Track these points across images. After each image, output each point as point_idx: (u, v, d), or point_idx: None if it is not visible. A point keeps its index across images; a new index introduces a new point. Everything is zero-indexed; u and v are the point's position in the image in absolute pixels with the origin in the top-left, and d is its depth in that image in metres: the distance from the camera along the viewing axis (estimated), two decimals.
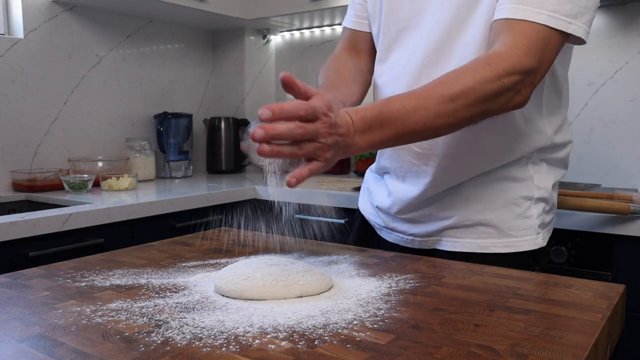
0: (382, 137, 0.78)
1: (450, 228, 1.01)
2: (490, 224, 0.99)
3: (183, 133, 2.47)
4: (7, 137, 1.97)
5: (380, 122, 0.77)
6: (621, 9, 1.93)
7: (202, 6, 2.25)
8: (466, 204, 1.00)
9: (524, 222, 0.99)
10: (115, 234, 1.64)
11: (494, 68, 0.80)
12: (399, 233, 1.09)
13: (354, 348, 0.57)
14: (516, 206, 0.99)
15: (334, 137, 0.73)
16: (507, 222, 0.99)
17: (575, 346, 0.57)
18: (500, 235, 0.99)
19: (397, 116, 0.78)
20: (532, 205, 0.99)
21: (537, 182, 1.00)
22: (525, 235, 0.99)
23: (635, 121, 1.93)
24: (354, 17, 1.18)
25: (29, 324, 0.64)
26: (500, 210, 0.98)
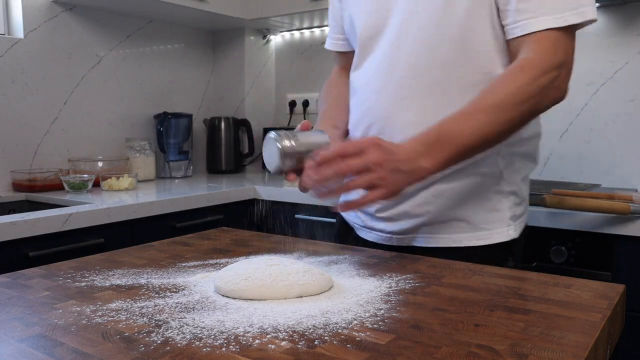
0: (445, 157, 0.85)
1: (425, 225, 1.04)
2: (463, 219, 1.02)
3: (183, 133, 2.47)
4: (7, 137, 1.97)
5: (440, 143, 0.84)
6: (621, 9, 1.93)
7: (202, 6, 2.25)
8: (439, 200, 1.02)
9: (495, 216, 1.02)
10: (115, 234, 1.64)
11: (529, 72, 0.87)
12: (377, 232, 1.11)
13: (354, 348, 0.57)
14: (487, 200, 1.02)
15: (392, 163, 0.80)
16: (479, 216, 1.02)
17: (575, 346, 0.57)
18: (473, 229, 1.02)
19: (452, 134, 0.85)
20: (503, 198, 1.03)
21: (506, 177, 1.03)
22: (497, 228, 1.02)
23: (635, 121, 1.93)
24: (331, 39, 1.26)
25: (29, 324, 0.64)
26: (472, 206, 1.02)
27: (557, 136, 2.07)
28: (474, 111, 0.87)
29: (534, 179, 2.10)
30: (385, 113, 1.03)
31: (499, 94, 0.87)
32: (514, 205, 1.05)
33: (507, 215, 1.03)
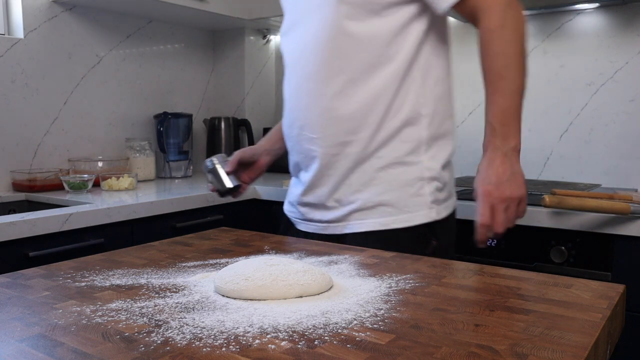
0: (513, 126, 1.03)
1: (356, 211, 1.15)
2: (389, 204, 1.14)
3: (183, 133, 2.47)
4: (7, 137, 1.97)
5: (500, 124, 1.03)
6: (621, 9, 1.93)
7: (202, 6, 2.25)
8: (368, 188, 1.14)
9: (417, 200, 1.14)
10: (115, 234, 1.64)
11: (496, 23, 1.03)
12: (315, 222, 1.22)
13: (354, 348, 0.57)
14: (410, 187, 1.14)
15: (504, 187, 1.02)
16: (404, 201, 1.14)
17: (575, 346, 0.57)
18: (398, 212, 1.13)
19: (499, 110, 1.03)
20: (425, 184, 1.14)
21: (427, 165, 1.15)
22: (419, 211, 1.14)
23: (635, 121, 1.93)
24: None
25: (29, 324, 0.64)
26: (397, 191, 1.13)
27: (557, 136, 2.07)
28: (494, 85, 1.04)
29: (534, 179, 2.10)
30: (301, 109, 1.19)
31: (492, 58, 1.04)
32: (436, 191, 1.16)
33: (429, 200, 1.15)
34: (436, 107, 1.15)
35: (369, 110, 1.12)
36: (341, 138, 1.14)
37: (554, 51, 2.07)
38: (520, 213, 1.03)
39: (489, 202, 1.01)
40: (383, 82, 1.11)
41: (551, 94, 2.08)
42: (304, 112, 1.18)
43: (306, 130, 1.18)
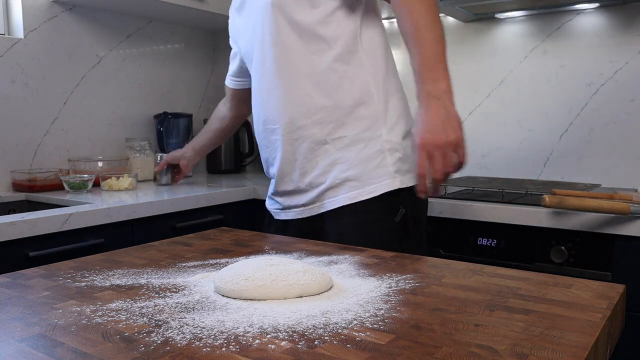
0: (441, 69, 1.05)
1: (327, 190, 1.24)
2: (355, 179, 1.22)
3: (183, 133, 2.47)
4: (7, 137, 1.97)
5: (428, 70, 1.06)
6: (621, 9, 1.93)
7: (202, 6, 2.25)
8: (334, 167, 1.23)
9: (380, 171, 1.22)
10: (115, 234, 1.64)
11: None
12: (292, 209, 1.30)
13: (354, 348, 0.57)
14: (372, 160, 1.22)
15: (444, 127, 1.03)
16: (367, 174, 1.21)
17: (575, 346, 0.57)
18: (364, 185, 1.21)
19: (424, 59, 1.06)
20: (387, 156, 1.22)
21: (385, 138, 1.23)
22: (383, 180, 1.21)
23: (635, 121, 1.93)
24: (232, 79, 1.65)
25: (29, 324, 0.64)
26: (361, 166, 1.22)
27: (557, 136, 2.07)
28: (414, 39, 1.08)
29: (534, 179, 2.10)
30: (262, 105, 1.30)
31: (406, 12, 1.09)
32: (398, 161, 1.24)
33: (392, 170, 1.22)
34: (385, 84, 1.24)
35: (318, 94, 1.21)
36: (298, 123, 1.23)
37: (554, 51, 2.07)
38: (460, 157, 1.04)
39: (425, 150, 1.02)
40: (328, 67, 1.20)
41: (551, 94, 2.08)
42: (264, 107, 1.29)
43: (268, 124, 1.28)
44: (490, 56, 2.18)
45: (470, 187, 1.83)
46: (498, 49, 2.17)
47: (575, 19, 2.02)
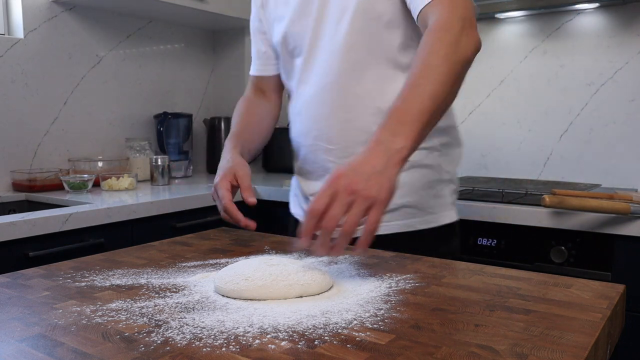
0: (413, 130, 0.84)
1: None
2: (413, 206, 1.14)
3: (183, 133, 2.47)
4: (7, 137, 1.97)
5: (400, 122, 0.85)
6: (621, 9, 1.93)
7: (202, 6, 2.25)
8: None
9: (439, 201, 1.16)
10: (115, 234, 1.64)
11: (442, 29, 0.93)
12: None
13: (354, 348, 0.57)
14: (431, 188, 1.15)
15: (362, 176, 0.77)
16: (426, 202, 1.15)
17: (575, 346, 0.57)
18: (422, 214, 1.14)
19: (406, 108, 0.86)
20: (444, 186, 1.17)
21: (444, 167, 1.17)
22: (443, 212, 1.17)
23: (635, 121, 1.93)
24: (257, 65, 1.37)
25: (29, 324, 0.64)
26: (419, 193, 1.14)
27: (557, 136, 2.07)
28: (414, 79, 0.89)
29: (534, 179, 2.10)
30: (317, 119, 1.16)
31: (424, 56, 0.91)
32: (453, 192, 1.20)
33: (449, 201, 1.18)
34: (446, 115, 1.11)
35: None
36: (357, 149, 1.03)
37: (554, 51, 2.07)
38: (371, 223, 0.76)
39: (333, 187, 0.77)
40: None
41: (551, 94, 2.08)
42: (318, 122, 1.16)
43: (322, 141, 1.16)
44: (490, 56, 2.18)
45: (470, 187, 1.83)
46: (498, 49, 2.17)
47: (575, 19, 2.02)
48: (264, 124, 1.33)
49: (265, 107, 1.35)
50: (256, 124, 1.31)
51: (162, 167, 2.17)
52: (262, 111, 1.34)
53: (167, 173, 2.18)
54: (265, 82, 1.36)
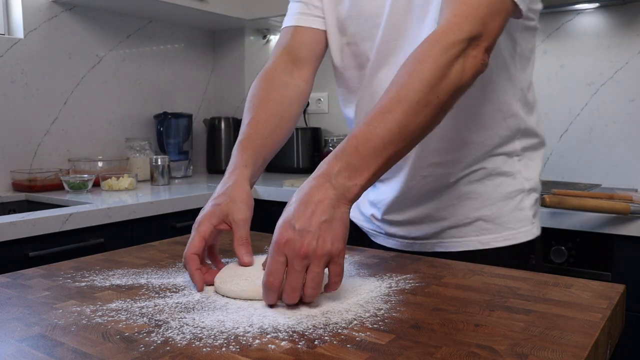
0: (368, 164, 0.71)
1: (451, 228, 1.01)
2: (489, 220, 1.00)
3: (183, 133, 2.47)
4: (7, 137, 1.97)
5: (355, 151, 0.71)
6: (621, 9, 1.93)
7: (202, 6, 2.25)
8: (463, 202, 1.00)
9: (519, 214, 1.00)
10: (115, 234, 1.64)
11: (440, 44, 0.76)
12: (398, 238, 1.07)
13: (354, 348, 0.57)
14: (510, 200, 1.00)
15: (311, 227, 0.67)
16: (505, 216, 1.00)
17: (575, 346, 0.57)
18: (500, 229, 1.00)
19: (367, 135, 0.72)
20: (525, 197, 1.01)
21: (525, 174, 1.01)
22: (522, 227, 1.01)
23: (635, 121, 1.93)
24: (297, 14, 1.04)
25: (29, 324, 0.64)
26: (497, 205, 1.00)
27: (557, 136, 2.07)
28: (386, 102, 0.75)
29: None
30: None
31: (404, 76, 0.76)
32: (535, 203, 1.04)
33: (530, 214, 1.02)
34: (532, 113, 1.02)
35: (467, 130, 0.96)
36: (433, 159, 0.97)
37: (554, 51, 2.07)
38: (334, 276, 0.69)
39: (283, 253, 0.67)
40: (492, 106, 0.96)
41: (551, 94, 2.08)
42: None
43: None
44: None
45: None
46: None
47: (575, 19, 2.02)
48: (290, 112, 1.02)
49: (294, 88, 1.03)
50: (279, 115, 0.99)
51: (162, 167, 2.17)
52: (290, 93, 1.02)
53: (167, 173, 2.18)
54: (302, 42, 1.05)
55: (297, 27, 1.04)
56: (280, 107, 1.00)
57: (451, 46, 0.76)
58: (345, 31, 1.02)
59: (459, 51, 0.77)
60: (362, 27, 0.99)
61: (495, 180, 1.00)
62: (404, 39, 0.95)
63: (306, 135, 2.55)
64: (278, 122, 0.98)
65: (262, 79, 1.02)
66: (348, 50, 1.03)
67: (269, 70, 1.03)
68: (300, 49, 1.04)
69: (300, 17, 1.04)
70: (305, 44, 1.04)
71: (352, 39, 1.01)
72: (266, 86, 1.01)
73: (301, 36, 1.04)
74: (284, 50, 1.05)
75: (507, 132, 0.99)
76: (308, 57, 1.05)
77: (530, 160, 1.03)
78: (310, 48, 1.05)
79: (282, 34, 1.07)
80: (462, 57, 0.77)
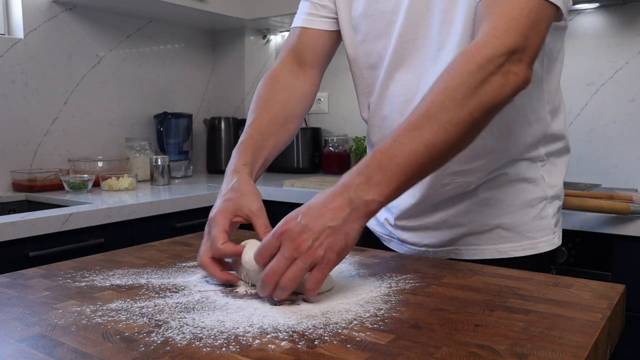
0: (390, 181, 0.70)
1: (467, 235, 0.97)
2: (509, 228, 0.96)
3: (183, 133, 2.47)
4: (7, 137, 1.97)
5: (378, 166, 0.70)
6: (621, 9, 1.93)
7: (202, 6, 2.25)
8: (482, 208, 0.96)
9: (541, 223, 0.97)
10: (115, 234, 1.64)
11: (476, 59, 0.73)
12: (410, 245, 1.03)
13: (354, 348, 0.57)
14: (531, 207, 0.96)
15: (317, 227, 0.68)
16: (525, 225, 0.96)
17: (575, 346, 0.57)
18: (519, 238, 0.96)
19: (392, 152, 0.70)
20: (547, 204, 0.97)
21: (548, 181, 0.98)
22: (543, 237, 0.97)
23: (635, 121, 1.93)
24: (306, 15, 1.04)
25: (29, 324, 0.64)
26: (517, 213, 0.96)
27: None
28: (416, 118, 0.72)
29: None
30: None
31: (435, 92, 0.73)
32: (558, 211, 1.00)
33: (552, 222, 0.98)
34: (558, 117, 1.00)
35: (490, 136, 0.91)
36: (453, 168, 0.93)
37: None
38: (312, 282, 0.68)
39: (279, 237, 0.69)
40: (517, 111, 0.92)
41: None
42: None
43: None
44: None
45: None
46: None
47: (575, 19, 2.02)
48: (294, 113, 1.01)
49: (299, 90, 1.03)
50: (283, 116, 0.99)
51: (162, 167, 2.17)
52: (295, 95, 1.02)
53: (167, 173, 2.18)
54: (308, 45, 1.04)
55: (303, 28, 1.04)
56: (284, 109, 0.99)
57: (488, 61, 0.73)
58: (358, 29, 1.00)
59: (496, 66, 0.73)
60: (376, 25, 0.97)
61: (516, 186, 0.96)
62: (424, 38, 0.92)
63: (306, 135, 2.55)
64: (282, 123, 0.98)
65: (268, 80, 1.02)
66: (361, 48, 1.00)
67: (275, 71, 1.03)
68: (306, 52, 1.04)
69: (308, 18, 1.04)
70: (311, 47, 1.04)
71: (365, 36, 0.99)
72: (271, 88, 1.01)
73: (307, 38, 1.04)
74: (290, 52, 1.05)
75: (532, 138, 0.95)
76: (314, 59, 1.05)
77: (554, 166, 0.99)
78: (315, 51, 1.04)
79: (290, 34, 1.07)
80: (500, 73, 0.73)
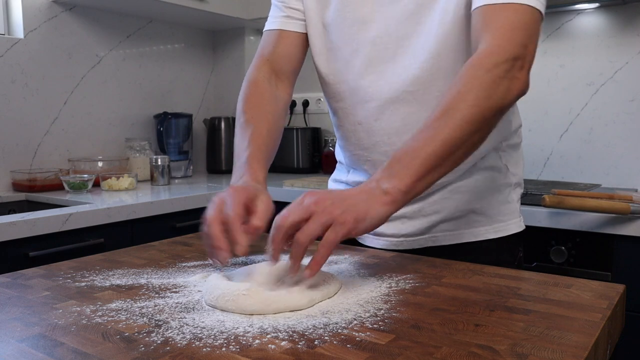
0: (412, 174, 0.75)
1: (443, 221, 1.03)
2: (480, 212, 1.03)
3: (183, 133, 2.47)
4: (7, 137, 1.97)
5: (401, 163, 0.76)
6: (621, 9, 1.93)
7: (202, 6, 2.25)
8: (455, 195, 1.02)
9: (508, 207, 1.05)
10: (115, 234, 1.64)
11: (484, 66, 0.81)
12: (387, 237, 1.05)
13: (354, 348, 0.57)
14: (499, 193, 1.04)
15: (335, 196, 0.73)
16: (495, 209, 1.03)
17: (575, 346, 0.57)
18: (491, 221, 1.03)
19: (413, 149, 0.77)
20: (512, 191, 1.06)
21: (511, 170, 1.06)
22: (512, 219, 1.05)
23: (635, 121, 1.93)
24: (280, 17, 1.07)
25: (29, 324, 0.64)
26: (487, 199, 1.03)
27: (557, 136, 2.07)
28: (432, 121, 0.79)
29: (534, 179, 2.10)
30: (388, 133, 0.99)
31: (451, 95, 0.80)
32: (520, 197, 1.09)
33: (517, 207, 1.07)
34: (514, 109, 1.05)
35: None
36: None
37: (554, 51, 2.07)
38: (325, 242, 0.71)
39: (307, 194, 0.74)
40: None
41: (551, 94, 2.08)
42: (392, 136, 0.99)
43: (382, 146, 1.00)
44: None
45: None
46: None
47: (575, 19, 2.02)
48: (280, 125, 1.05)
49: (281, 102, 1.07)
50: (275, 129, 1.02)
51: (162, 167, 2.17)
52: (280, 107, 1.06)
53: (167, 173, 2.18)
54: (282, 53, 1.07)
55: (281, 30, 1.07)
56: (275, 122, 1.02)
57: (495, 67, 0.80)
58: (328, 35, 1.03)
59: (503, 71, 0.80)
60: (346, 32, 1.00)
61: (485, 174, 1.03)
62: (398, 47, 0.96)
63: (306, 135, 2.55)
64: (276, 137, 1.02)
65: (252, 89, 1.04)
66: (331, 55, 1.04)
67: (256, 79, 1.06)
68: (281, 61, 1.08)
69: (284, 20, 1.07)
70: (286, 55, 1.07)
71: (334, 44, 1.02)
72: (260, 97, 1.03)
73: (283, 45, 1.07)
74: (267, 61, 1.08)
75: (505, 132, 1.03)
76: (289, 69, 1.08)
77: (512, 157, 1.06)
78: (289, 59, 1.08)
79: (265, 38, 1.10)
80: (507, 78, 0.81)
